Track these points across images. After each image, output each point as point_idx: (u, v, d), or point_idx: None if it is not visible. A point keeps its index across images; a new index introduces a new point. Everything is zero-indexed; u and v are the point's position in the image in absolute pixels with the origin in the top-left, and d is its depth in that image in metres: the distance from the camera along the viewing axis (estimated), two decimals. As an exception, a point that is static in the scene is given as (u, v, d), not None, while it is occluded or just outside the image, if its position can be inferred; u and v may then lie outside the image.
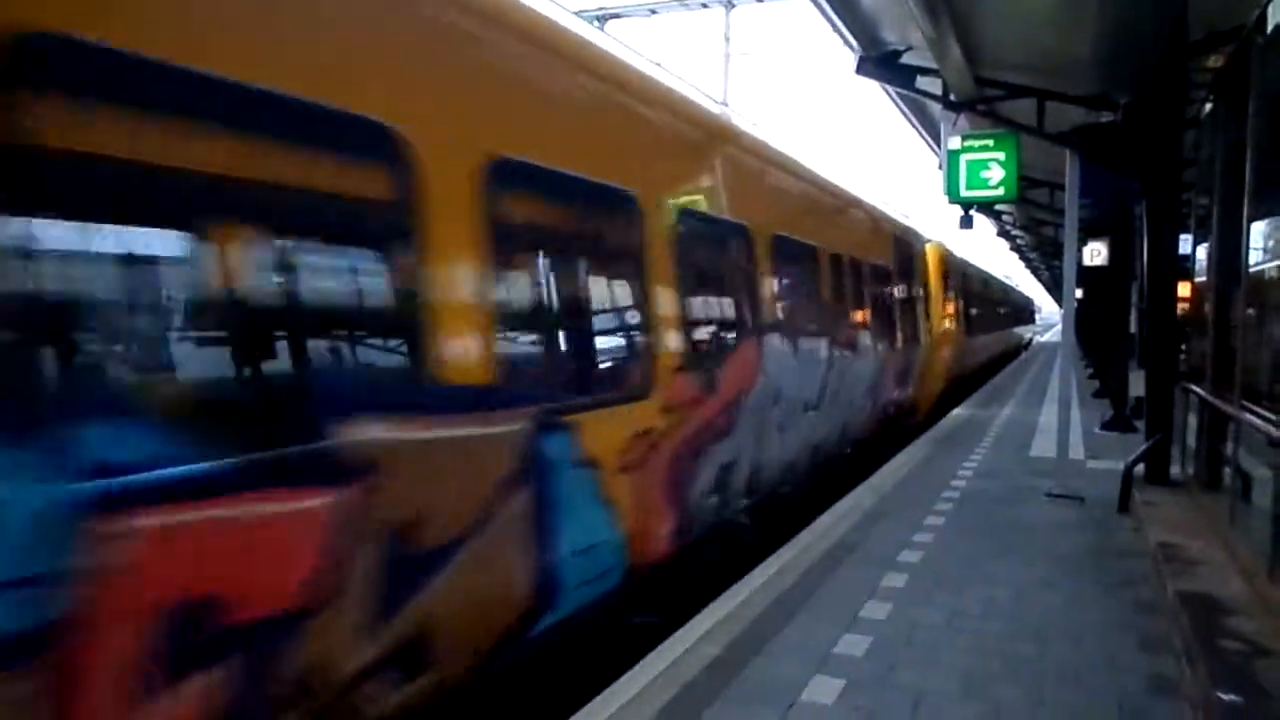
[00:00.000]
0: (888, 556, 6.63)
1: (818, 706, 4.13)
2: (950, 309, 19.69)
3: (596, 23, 16.65)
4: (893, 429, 13.54)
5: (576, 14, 16.80)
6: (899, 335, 13.70)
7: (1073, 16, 8.76)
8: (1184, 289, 10.16)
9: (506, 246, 4.35)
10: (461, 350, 3.94)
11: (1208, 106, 8.49)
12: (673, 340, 5.95)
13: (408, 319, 3.75)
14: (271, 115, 3.11)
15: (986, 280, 30.27)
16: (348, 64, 3.44)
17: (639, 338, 5.73)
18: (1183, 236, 9.75)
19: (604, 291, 5.88)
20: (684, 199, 6.33)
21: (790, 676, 4.45)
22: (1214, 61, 8.25)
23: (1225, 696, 3.85)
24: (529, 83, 4.59)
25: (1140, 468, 8.70)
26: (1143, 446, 8.91)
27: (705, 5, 17.39)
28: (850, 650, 4.81)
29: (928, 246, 17.59)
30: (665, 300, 5.90)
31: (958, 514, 8.09)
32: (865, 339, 11.43)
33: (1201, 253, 9.23)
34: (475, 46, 4.17)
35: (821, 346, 9.45)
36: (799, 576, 6.13)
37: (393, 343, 3.92)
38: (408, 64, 3.76)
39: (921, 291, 15.98)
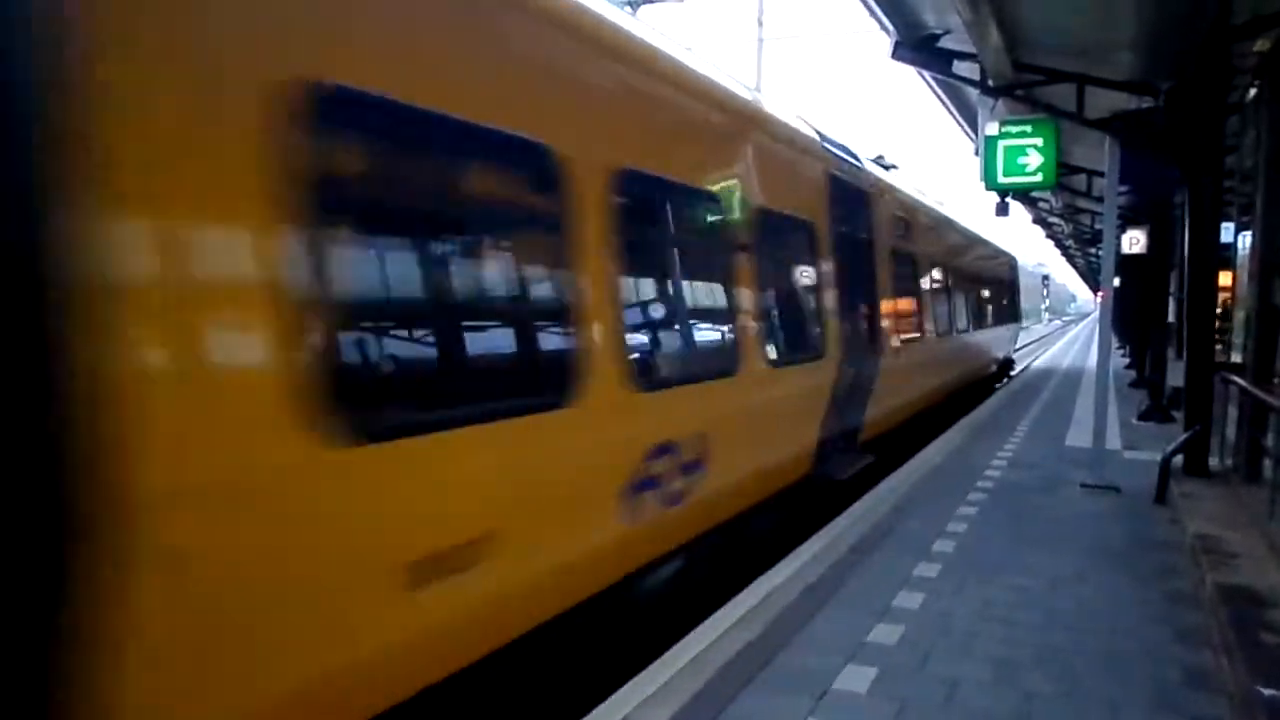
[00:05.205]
0: (921, 546, 6.61)
1: (850, 694, 4.14)
2: None
3: (629, 8, 16.60)
4: None
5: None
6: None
7: None
8: (1225, 278, 10.02)
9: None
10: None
11: (1252, 91, 8.34)
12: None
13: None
14: None
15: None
16: None
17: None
18: (1224, 225, 9.61)
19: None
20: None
21: (823, 665, 4.47)
22: (1259, 45, 8.09)
23: (1265, 691, 3.82)
24: None
25: (1178, 459, 8.60)
26: (1181, 437, 8.80)
27: (738, -11, 17.29)
28: (883, 639, 4.82)
29: None
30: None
31: (992, 503, 8.04)
32: None
33: (1243, 241, 9.08)
34: None
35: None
36: (830, 566, 6.13)
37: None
38: None
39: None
